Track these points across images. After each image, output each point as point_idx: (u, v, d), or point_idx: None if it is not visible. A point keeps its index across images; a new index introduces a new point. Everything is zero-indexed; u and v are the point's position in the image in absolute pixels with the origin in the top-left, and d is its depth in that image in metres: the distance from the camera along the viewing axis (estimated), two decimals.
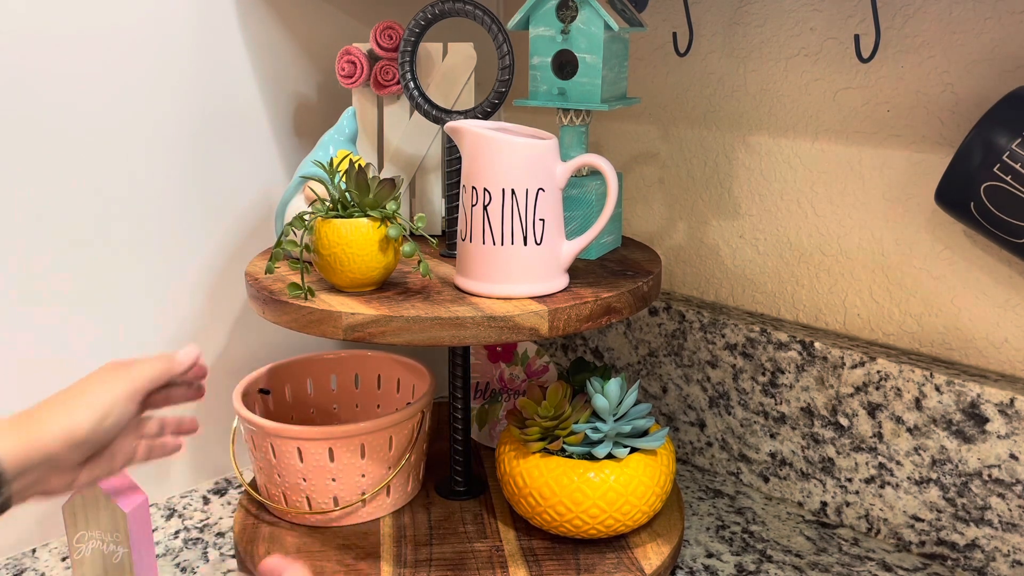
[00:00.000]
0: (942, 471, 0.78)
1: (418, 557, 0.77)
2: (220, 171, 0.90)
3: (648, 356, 1.01)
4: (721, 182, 0.95)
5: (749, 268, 0.95)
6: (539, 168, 0.68)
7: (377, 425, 0.78)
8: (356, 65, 0.86)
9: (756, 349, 0.90)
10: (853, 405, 0.83)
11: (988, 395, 0.74)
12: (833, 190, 0.86)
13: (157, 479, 0.92)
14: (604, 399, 0.76)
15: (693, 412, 0.98)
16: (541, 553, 0.77)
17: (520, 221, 0.68)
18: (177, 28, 0.84)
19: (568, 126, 0.80)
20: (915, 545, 0.82)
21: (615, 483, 0.74)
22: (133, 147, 0.83)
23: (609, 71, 0.77)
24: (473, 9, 0.75)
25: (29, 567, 0.81)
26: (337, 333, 0.66)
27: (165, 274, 0.88)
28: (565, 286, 0.72)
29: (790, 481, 0.90)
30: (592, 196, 0.79)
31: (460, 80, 0.87)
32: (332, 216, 0.70)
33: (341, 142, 0.80)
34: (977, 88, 0.75)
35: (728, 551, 0.82)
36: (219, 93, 0.88)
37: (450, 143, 0.78)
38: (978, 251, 0.78)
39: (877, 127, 0.82)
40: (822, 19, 0.83)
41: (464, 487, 0.87)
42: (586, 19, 0.75)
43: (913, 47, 0.78)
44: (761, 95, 0.90)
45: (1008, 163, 0.65)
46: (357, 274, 0.69)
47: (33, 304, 0.80)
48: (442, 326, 0.65)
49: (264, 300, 0.71)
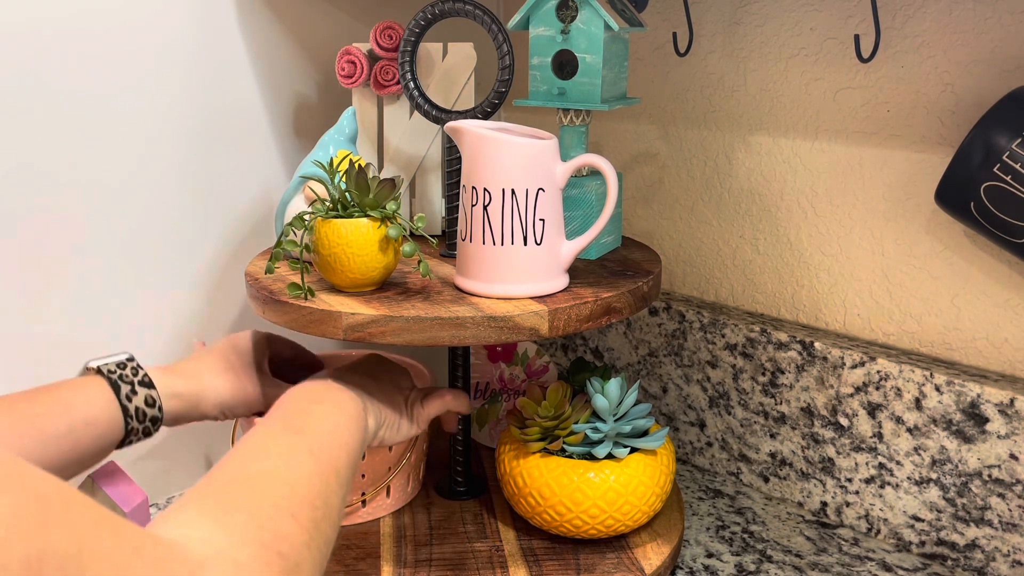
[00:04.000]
0: (942, 471, 0.78)
1: (418, 557, 0.77)
2: (220, 171, 0.90)
3: (648, 356, 1.01)
4: (721, 182, 0.95)
5: (749, 268, 0.95)
6: (539, 168, 0.68)
7: None
8: (356, 65, 0.86)
9: (756, 349, 0.90)
10: (853, 405, 0.83)
11: (988, 395, 0.74)
12: (833, 190, 0.86)
13: (157, 479, 0.92)
14: (604, 399, 0.76)
15: (693, 412, 0.98)
16: (541, 553, 0.77)
17: (520, 221, 0.68)
18: (177, 28, 0.84)
19: (568, 126, 0.80)
20: (915, 545, 0.82)
21: (615, 483, 0.74)
22: (133, 147, 0.83)
23: (609, 71, 0.77)
24: (473, 9, 0.75)
25: None
26: (337, 333, 0.66)
27: (165, 274, 0.88)
28: (565, 286, 0.72)
29: (790, 481, 0.90)
30: (592, 196, 0.79)
31: (460, 80, 0.87)
32: (332, 216, 0.70)
33: (341, 142, 0.80)
34: (977, 88, 0.75)
35: (728, 551, 0.82)
36: (219, 93, 0.88)
37: (450, 143, 0.78)
38: (978, 251, 0.78)
39: (877, 127, 0.82)
40: (822, 19, 0.83)
41: (464, 487, 0.87)
42: (586, 19, 0.75)
43: (913, 47, 0.78)
44: (761, 95, 0.90)
45: (1008, 163, 0.65)
46: (357, 274, 0.69)
47: (33, 304, 0.80)
48: (442, 326, 0.65)
49: (264, 300, 0.71)
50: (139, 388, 0.68)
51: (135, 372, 0.69)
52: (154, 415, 0.69)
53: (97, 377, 0.68)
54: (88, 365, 0.69)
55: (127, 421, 0.67)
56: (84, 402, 0.65)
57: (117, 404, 0.67)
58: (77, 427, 0.64)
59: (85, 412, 0.65)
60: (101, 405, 0.66)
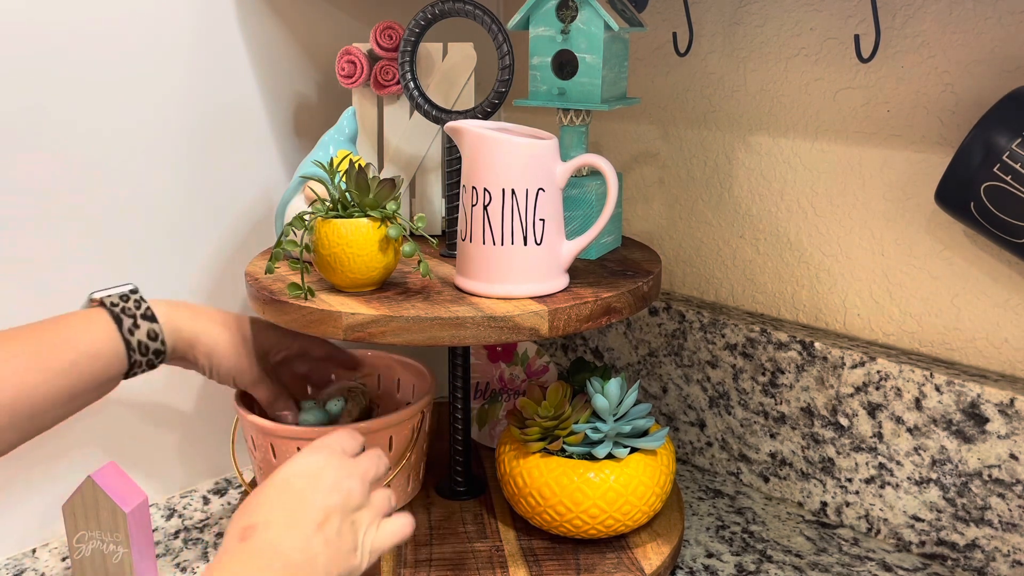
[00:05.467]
0: (942, 471, 0.78)
1: (418, 557, 0.77)
2: (220, 171, 0.90)
3: (648, 356, 1.01)
4: (721, 182, 0.95)
5: (749, 268, 0.95)
6: (539, 168, 0.68)
7: (377, 425, 0.78)
8: (356, 65, 0.86)
9: (756, 349, 0.90)
10: (853, 405, 0.83)
11: (988, 395, 0.74)
12: (833, 190, 0.86)
13: (157, 479, 0.92)
14: (604, 399, 0.76)
15: (693, 412, 0.98)
16: (541, 553, 0.77)
17: (520, 221, 0.68)
18: (177, 28, 0.84)
19: (568, 126, 0.80)
20: (915, 545, 0.82)
21: (615, 483, 0.74)
22: (133, 147, 0.83)
23: (609, 71, 0.77)
24: (473, 9, 0.75)
25: (29, 567, 0.81)
26: (337, 333, 0.66)
27: (165, 274, 0.88)
28: (565, 286, 0.72)
29: (790, 481, 0.90)
30: (592, 196, 0.79)
31: (460, 80, 0.87)
32: (332, 216, 0.70)
33: (341, 142, 0.80)
34: (977, 88, 0.75)
35: (728, 551, 0.82)
36: (219, 93, 0.88)
37: (450, 143, 0.78)
38: (978, 251, 0.78)
39: (877, 127, 0.82)
40: (822, 19, 0.83)
41: (464, 487, 0.87)
42: (586, 19, 0.75)
43: (913, 47, 0.78)
44: (761, 95, 0.90)
45: (1008, 163, 0.65)
46: (357, 274, 0.69)
47: (32, 304, 0.80)
48: (442, 326, 0.65)
49: (264, 300, 0.71)
50: (141, 321, 0.69)
51: (138, 305, 0.69)
52: (157, 348, 0.70)
53: (100, 310, 0.68)
54: (92, 297, 0.69)
55: (130, 354, 0.68)
56: (87, 336, 0.66)
57: (120, 337, 0.67)
58: (80, 361, 0.65)
59: (88, 345, 0.66)
60: (104, 339, 0.67)
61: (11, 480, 0.81)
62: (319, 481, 0.57)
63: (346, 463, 0.59)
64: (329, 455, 0.59)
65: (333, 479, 0.57)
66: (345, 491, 0.57)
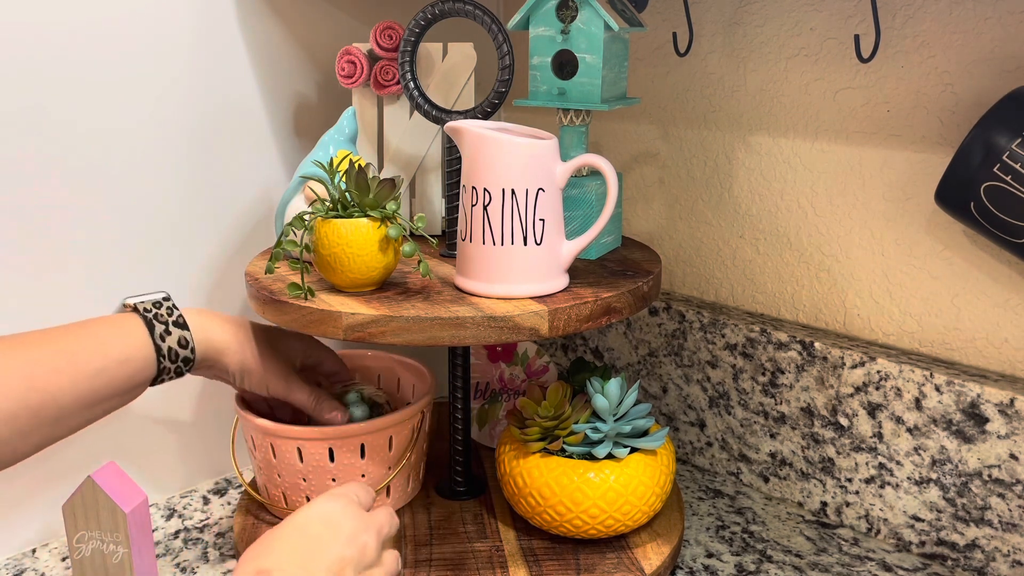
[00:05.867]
0: (942, 471, 0.78)
1: (418, 557, 0.77)
2: (220, 171, 0.90)
3: (648, 356, 1.01)
4: (721, 182, 0.95)
5: (749, 268, 0.95)
6: (539, 168, 0.68)
7: (377, 425, 0.78)
8: (356, 65, 0.86)
9: (756, 349, 0.90)
10: (853, 405, 0.83)
11: (988, 395, 0.74)
12: (833, 190, 0.86)
13: (157, 479, 0.92)
14: (604, 399, 0.76)
15: (693, 412, 0.98)
16: (541, 553, 0.77)
17: (520, 221, 0.68)
18: (177, 28, 0.84)
19: (568, 126, 0.80)
20: (915, 545, 0.82)
21: (615, 483, 0.74)
22: (133, 147, 0.83)
23: (609, 71, 0.77)
24: (473, 9, 0.75)
25: (29, 567, 0.81)
26: (337, 333, 0.66)
27: (165, 274, 0.88)
28: (565, 286, 0.72)
29: (790, 481, 0.90)
30: (592, 196, 0.79)
31: (460, 80, 0.87)
32: (332, 216, 0.70)
33: (341, 142, 0.80)
34: (977, 88, 0.75)
35: (728, 551, 0.82)
36: (219, 93, 0.88)
37: (450, 143, 0.78)
38: (978, 251, 0.78)
39: (877, 127, 0.82)
40: (822, 19, 0.83)
41: (464, 487, 0.87)
42: (586, 19, 0.75)
43: (913, 47, 0.78)
44: (761, 95, 0.90)
45: (1008, 163, 0.65)
46: (357, 274, 0.69)
47: (32, 303, 0.80)
48: (442, 326, 0.65)
49: (264, 300, 0.71)
50: (173, 328, 0.69)
51: (170, 312, 0.69)
52: (186, 356, 0.70)
53: (133, 315, 0.68)
54: (125, 302, 0.69)
55: (159, 360, 0.68)
56: (119, 340, 0.66)
57: (151, 343, 0.68)
58: (111, 365, 0.65)
59: (119, 350, 0.66)
60: (135, 344, 0.67)
61: (11, 480, 0.81)
62: (337, 530, 0.56)
63: (363, 516, 0.59)
64: (347, 504, 0.59)
65: (351, 530, 0.57)
66: (361, 545, 0.56)
